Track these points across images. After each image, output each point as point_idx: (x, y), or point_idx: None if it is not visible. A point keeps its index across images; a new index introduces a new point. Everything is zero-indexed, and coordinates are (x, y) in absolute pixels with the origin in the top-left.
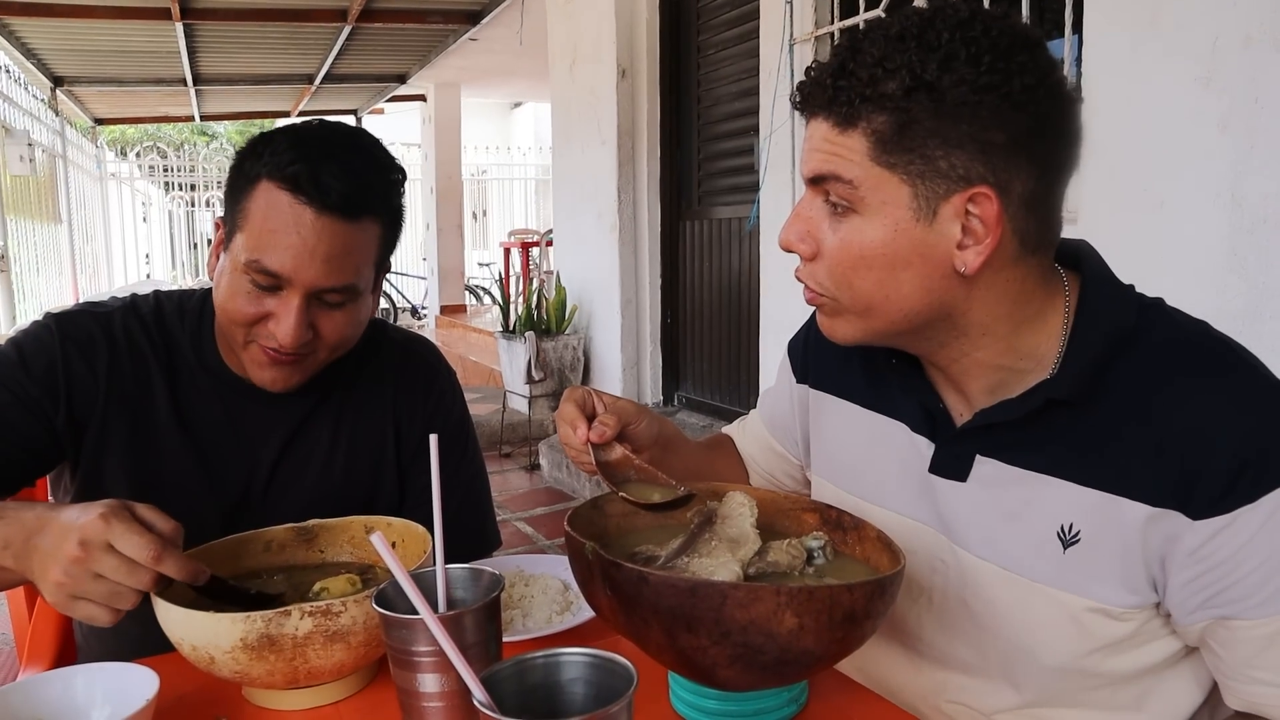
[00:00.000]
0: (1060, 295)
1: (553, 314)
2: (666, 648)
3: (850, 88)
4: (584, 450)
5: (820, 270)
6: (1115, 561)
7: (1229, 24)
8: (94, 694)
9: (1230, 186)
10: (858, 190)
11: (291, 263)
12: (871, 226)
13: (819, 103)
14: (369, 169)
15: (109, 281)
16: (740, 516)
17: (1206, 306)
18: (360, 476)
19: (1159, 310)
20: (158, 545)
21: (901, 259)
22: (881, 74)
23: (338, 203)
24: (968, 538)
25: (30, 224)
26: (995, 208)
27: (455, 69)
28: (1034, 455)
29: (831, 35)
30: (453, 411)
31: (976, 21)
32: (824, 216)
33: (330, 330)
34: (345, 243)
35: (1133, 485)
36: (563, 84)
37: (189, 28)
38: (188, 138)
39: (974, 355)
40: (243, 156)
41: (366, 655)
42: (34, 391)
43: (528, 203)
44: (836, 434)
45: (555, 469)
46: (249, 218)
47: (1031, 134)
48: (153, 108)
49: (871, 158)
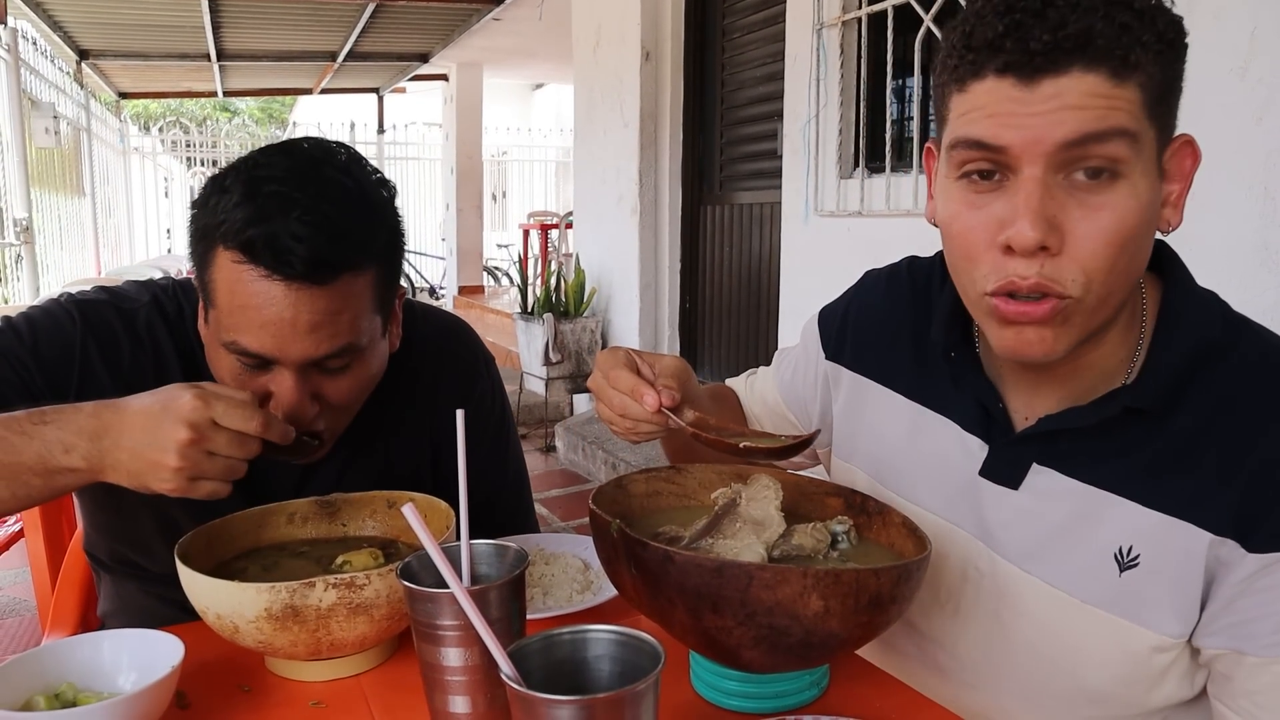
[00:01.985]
0: (1138, 290)
1: (571, 296)
2: (691, 628)
3: (1131, 30)
4: (648, 420)
5: (1068, 265)
6: (1174, 589)
7: (1267, 14)
8: (120, 659)
9: (1264, 178)
10: (1138, 144)
11: (272, 342)
12: (1141, 188)
13: (1092, 53)
14: (343, 216)
15: (130, 255)
16: (765, 499)
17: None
18: (397, 479)
19: (1245, 327)
20: (259, 412)
21: (1148, 224)
22: (1137, 18)
23: (306, 271)
24: (1012, 549)
25: (54, 197)
26: (1194, 155)
27: (478, 49)
28: (1096, 469)
29: (859, 20)
30: (493, 414)
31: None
32: (1068, 195)
33: (338, 395)
34: (328, 306)
35: (1199, 510)
36: (586, 66)
37: (214, 3)
38: (210, 113)
39: (1095, 352)
40: (200, 206)
41: (390, 628)
42: (39, 380)
43: (547, 185)
44: (873, 422)
45: (571, 451)
46: (216, 291)
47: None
48: (176, 83)
49: (1145, 109)
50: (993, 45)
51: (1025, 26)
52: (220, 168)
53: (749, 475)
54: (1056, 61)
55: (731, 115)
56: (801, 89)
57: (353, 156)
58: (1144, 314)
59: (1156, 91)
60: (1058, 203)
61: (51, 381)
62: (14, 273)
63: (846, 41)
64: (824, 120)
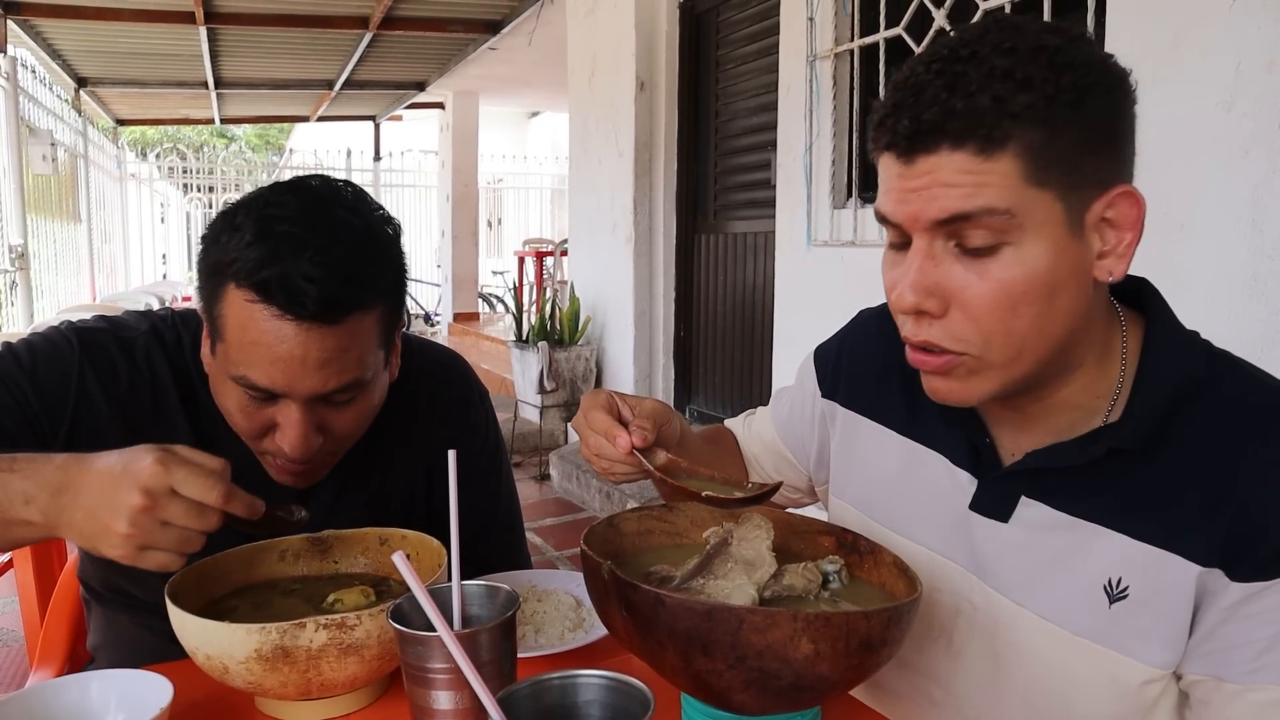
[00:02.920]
0: (1118, 328)
1: (566, 324)
2: (681, 670)
3: (990, 107)
4: (622, 460)
5: (959, 325)
6: (1163, 620)
7: (1252, 49)
8: (109, 700)
9: (1251, 211)
10: (1015, 219)
11: (282, 378)
12: (1030, 255)
13: (952, 131)
14: (352, 257)
15: (125, 281)
16: (756, 539)
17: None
18: (388, 514)
19: (1228, 361)
20: (222, 484)
21: (1060, 283)
22: (1014, 86)
23: (317, 311)
24: (1004, 581)
25: (50, 223)
26: (1139, 203)
27: (474, 77)
28: (1084, 502)
29: (851, 53)
30: (486, 446)
31: (1056, 27)
32: (955, 263)
33: (341, 427)
34: (338, 344)
35: (1186, 542)
36: (581, 95)
37: (212, 32)
38: (207, 140)
39: (1059, 395)
40: (210, 243)
41: (380, 668)
42: (35, 406)
43: (543, 212)
44: (866, 458)
45: (565, 479)
46: (226, 327)
47: (1134, 127)
48: (174, 110)
49: (1025, 179)
50: (881, 124)
51: (903, 106)
52: (228, 204)
53: (741, 514)
54: (926, 140)
55: (725, 145)
56: (795, 120)
57: (358, 194)
58: (1124, 351)
59: (1046, 156)
60: (943, 270)
61: (48, 407)
62: (8, 299)
63: (839, 73)
64: (817, 151)
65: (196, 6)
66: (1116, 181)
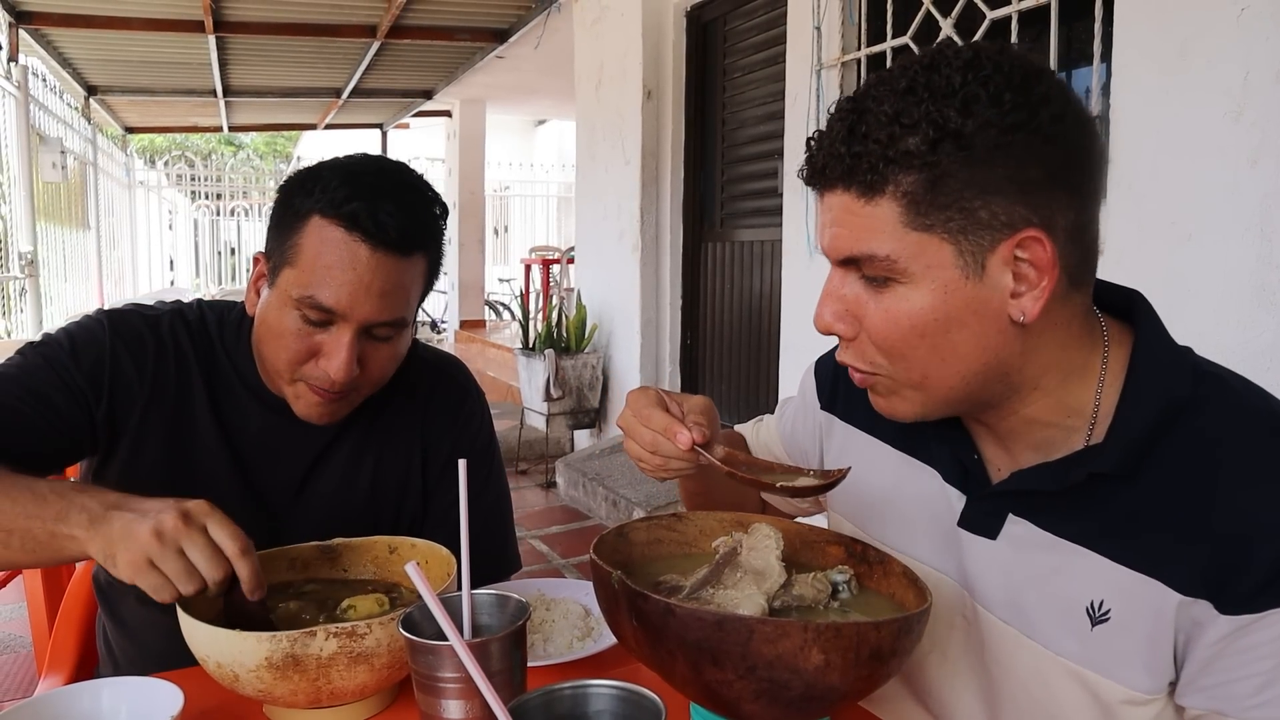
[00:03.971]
0: (1099, 342)
1: (572, 332)
2: (691, 680)
3: (870, 151)
4: (679, 457)
5: (866, 348)
6: (1144, 645)
7: (1260, 59)
8: (119, 708)
9: (1260, 221)
10: (897, 263)
11: (348, 298)
12: (918, 294)
13: (836, 174)
14: (421, 205)
15: (133, 288)
16: (766, 549)
17: (1233, 341)
18: (385, 494)
19: (1216, 381)
20: (245, 543)
21: (955, 320)
22: (900, 130)
23: (394, 239)
24: (991, 598)
25: (59, 230)
26: (1049, 249)
27: (481, 86)
28: (1069, 523)
29: (858, 61)
30: (479, 435)
31: (984, 59)
32: (860, 291)
33: (376, 364)
34: (399, 278)
35: (1167, 569)
36: (588, 104)
37: (221, 40)
38: (215, 147)
39: (1023, 413)
40: (290, 192)
41: (390, 677)
42: (80, 381)
43: (549, 220)
44: (861, 472)
45: (571, 487)
46: (301, 253)
47: (1067, 165)
48: (182, 117)
49: (905, 223)
50: (805, 159)
51: (818, 143)
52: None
53: (749, 524)
54: (824, 179)
55: (732, 153)
56: (802, 128)
57: (421, 174)
58: (1104, 370)
59: (927, 201)
60: (851, 296)
61: (91, 382)
62: (17, 305)
63: (846, 82)
64: None
65: (206, 15)
66: (1026, 225)
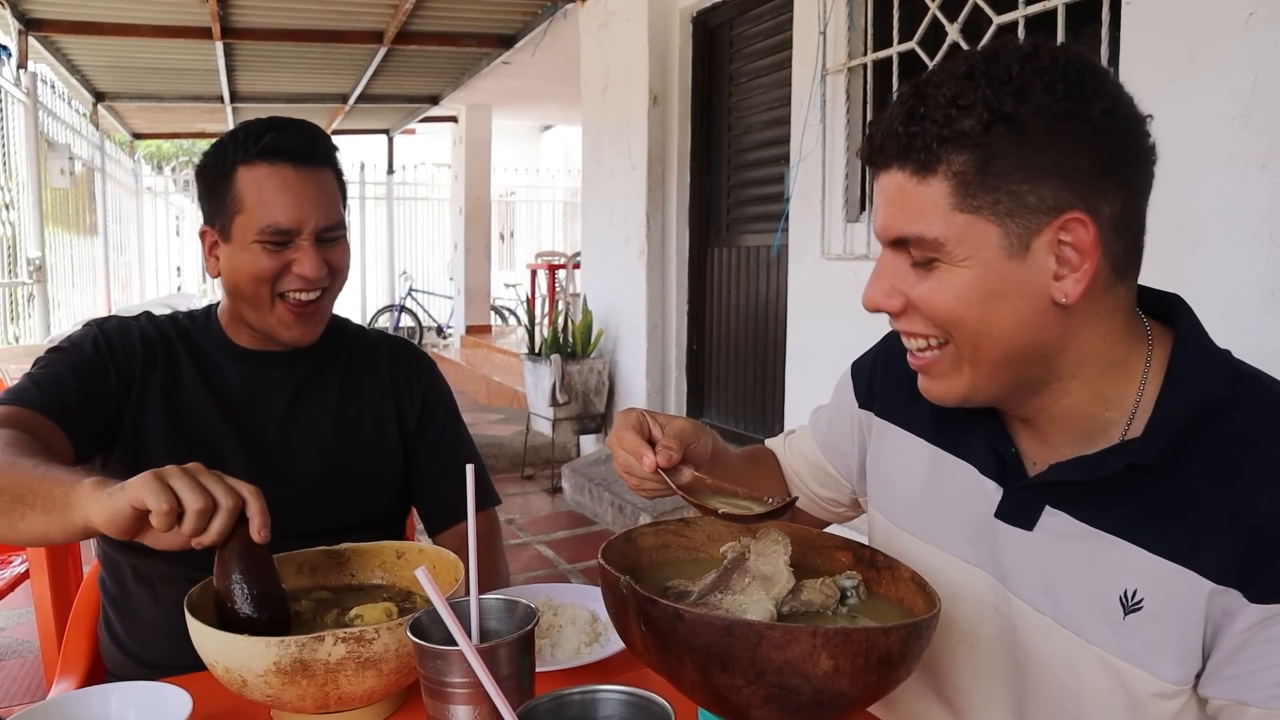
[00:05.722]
0: (1143, 342)
1: (578, 337)
2: (700, 685)
3: (926, 131)
4: (649, 478)
5: (917, 320)
6: (1175, 635)
7: (1268, 63)
8: (128, 712)
9: (1268, 226)
10: (944, 245)
11: (297, 213)
12: (961, 274)
13: (893, 152)
14: (312, 129)
15: (140, 293)
16: (774, 554)
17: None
18: (364, 431)
19: (1254, 381)
20: (254, 488)
21: (997, 294)
22: (956, 112)
23: (308, 153)
24: (1025, 588)
25: (67, 236)
26: (1091, 232)
27: (487, 91)
28: (1105, 514)
29: (864, 67)
30: (443, 387)
31: (1043, 53)
32: (908, 271)
33: (337, 261)
34: (324, 185)
35: (1202, 559)
36: (594, 109)
37: (228, 46)
38: None
39: (1063, 403)
40: (208, 164)
41: (398, 682)
42: (91, 359)
43: (555, 225)
44: (897, 467)
45: (577, 492)
46: (243, 200)
47: (1113, 156)
48: (189, 123)
49: (954, 205)
50: (865, 136)
51: (877, 123)
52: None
53: (758, 529)
54: (881, 157)
55: (738, 159)
56: (808, 134)
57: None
58: (1147, 366)
59: (977, 183)
60: (899, 275)
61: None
62: (26, 310)
63: (852, 87)
64: (830, 164)
65: (213, 22)
66: (1071, 208)
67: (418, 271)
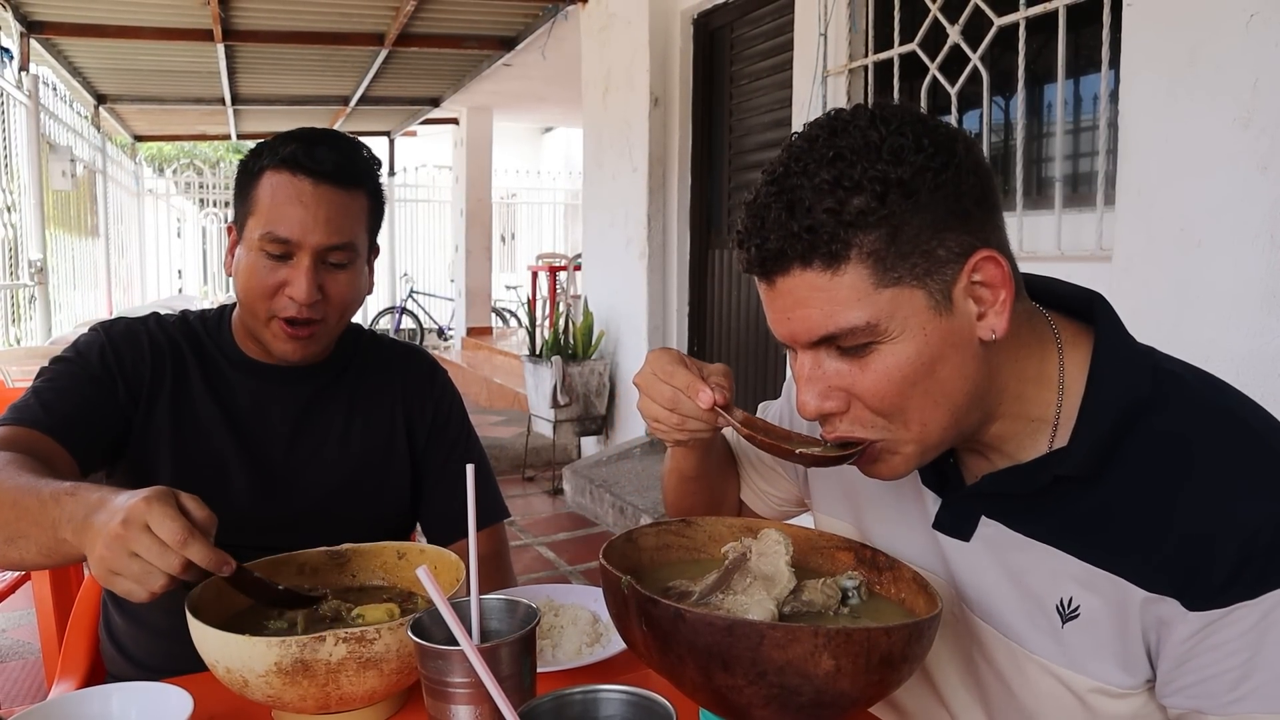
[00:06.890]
0: (1052, 344)
1: (579, 339)
2: (701, 685)
3: (823, 223)
4: (698, 417)
5: (862, 415)
6: (1114, 640)
7: (1269, 65)
8: (129, 713)
9: (1269, 228)
10: (878, 326)
11: (299, 227)
12: (901, 347)
13: (795, 253)
14: (351, 148)
15: (142, 296)
16: (775, 554)
17: (1242, 349)
18: (373, 450)
19: (1175, 381)
20: (186, 531)
21: (938, 357)
22: (844, 194)
23: (331, 172)
24: (969, 598)
25: (68, 238)
26: (1002, 264)
27: (488, 93)
28: (1039, 523)
29: (865, 69)
30: (455, 401)
31: (880, 116)
32: (840, 364)
33: (336, 292)
34: (341, 207)
35: (1132, 567)
36: (595, 111)
37: (230, 49)
38: (223, 155)
39: (992, 429)
40: (245, 164)
41: (399, 682)
42: (97, 371)
43: (556, 227)
44: (847, 473)
45: (578, 494)
46: (258, 203)
47: (986, 188)
48: (191, 126)
49: (876, 283)
50: (739, 248)
51: (752, 232)
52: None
53: (758, 529)
54: (777, 264)
55: (739, 161)
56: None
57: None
58: (1062, 374)
59: (891, 255)
60: (832, 372)
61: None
62: (27, 312)
63: (853, 89)
64: None
65: (215, 24)
66: (975, 249)
67: (419, 273)
